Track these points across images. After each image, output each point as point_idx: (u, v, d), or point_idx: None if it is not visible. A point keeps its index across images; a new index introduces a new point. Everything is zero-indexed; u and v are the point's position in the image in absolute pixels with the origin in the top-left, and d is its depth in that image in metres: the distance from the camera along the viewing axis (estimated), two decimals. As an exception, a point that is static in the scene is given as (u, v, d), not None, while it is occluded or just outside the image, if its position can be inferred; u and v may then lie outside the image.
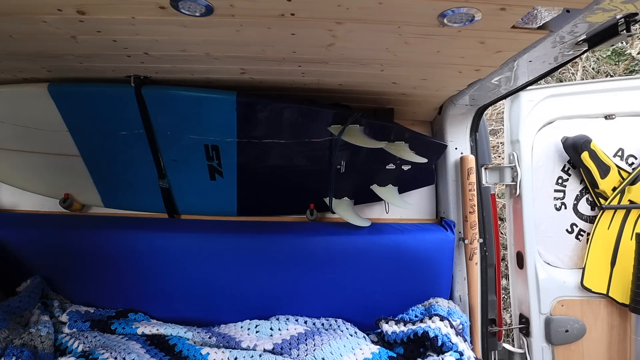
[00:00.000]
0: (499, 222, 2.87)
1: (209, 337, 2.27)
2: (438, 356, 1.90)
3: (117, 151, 2.30)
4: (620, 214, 2.43)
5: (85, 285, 2.52)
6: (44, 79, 2.02)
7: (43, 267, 2.50)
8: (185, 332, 2.27)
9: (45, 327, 2.19)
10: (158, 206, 2.58)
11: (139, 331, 2.28)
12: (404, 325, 2.15)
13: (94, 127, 2.18)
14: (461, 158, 2.47)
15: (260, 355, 1.98)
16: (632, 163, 2.44)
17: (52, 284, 2.52)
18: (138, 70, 1.88)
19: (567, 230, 2.51)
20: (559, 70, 1.77)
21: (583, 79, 5.07)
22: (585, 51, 1.49)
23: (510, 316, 2.74)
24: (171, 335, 2.26)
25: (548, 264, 2.51)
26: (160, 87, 2.00)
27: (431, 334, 1.96)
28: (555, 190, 2.50)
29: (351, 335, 2.21)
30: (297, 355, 2.03)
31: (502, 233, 3.73)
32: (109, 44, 1.54)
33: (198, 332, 2.29)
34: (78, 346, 2.14)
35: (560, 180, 2.50)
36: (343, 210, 2.40)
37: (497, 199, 2.55)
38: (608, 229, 2.44)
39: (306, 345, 2.09)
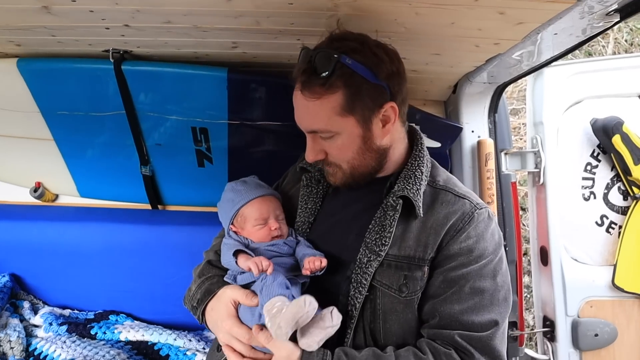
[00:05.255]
0: (521, 213, 2.87)
1: (199, 344, 2.31)
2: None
3: (94, 135, 2.33)
4: (656, 204, 2.44)
5: (60, 284, 2.56)
6: (12, 54, 2.03)
7: (11, 264, 2.53)
8: (175, 340, 2.30)
9: (15, 331, 2.23)
10: (140, 196, 2.60)
11: (122, 336, 2.32)
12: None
13: (69, 108, 2.19)
14: (478, 142, 2.49)
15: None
16: (670, 147, 2.44)
17: (21, 283, 2.56)
18: (118, 44, 1.89)
19: (596, 222, 2.52)
20: (588, 43, 1.78)
21: (615, 53, 5.06)
22: (617, 22, 1.50)
23: (533, 318, 2.75)
24: (159, 342, 2.30)
25: (575, 260, 2.52)
26: (143, 63, 2.02)
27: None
28: (584, 178, 2.50)
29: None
30: None
31: (524, 225, 3.74)
32: (85, 15, 1.55)
33: (190, 340, 2.33)
34: (55, 351, 2.17)
35: (589, 167, 2.50)
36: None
37: (518, 187, 2.55)
38: (642, 221, 2.45)
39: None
